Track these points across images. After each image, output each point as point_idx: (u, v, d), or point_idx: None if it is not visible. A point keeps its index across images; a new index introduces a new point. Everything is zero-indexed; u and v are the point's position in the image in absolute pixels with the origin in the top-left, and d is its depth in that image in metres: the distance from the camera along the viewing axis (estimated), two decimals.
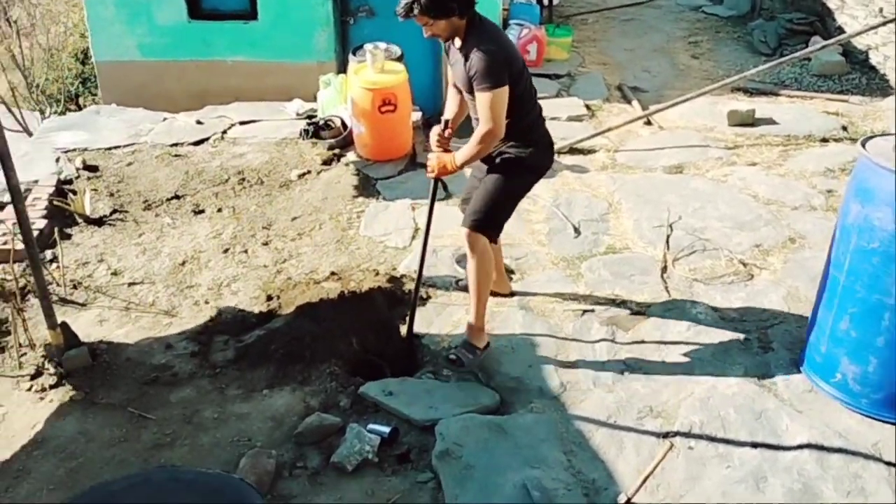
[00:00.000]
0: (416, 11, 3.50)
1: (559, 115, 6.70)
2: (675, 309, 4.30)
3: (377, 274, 4.58)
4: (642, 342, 4.05)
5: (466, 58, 3.59)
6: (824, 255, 3.78)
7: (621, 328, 4.15)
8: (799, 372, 3.83)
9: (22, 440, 3.52)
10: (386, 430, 3.47)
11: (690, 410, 3.60)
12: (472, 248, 3.83)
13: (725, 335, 4.09)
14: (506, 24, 8.37)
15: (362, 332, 4.19)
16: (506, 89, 3.55)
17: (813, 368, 3.77)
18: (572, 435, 3.49)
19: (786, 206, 5.34)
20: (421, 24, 3.58)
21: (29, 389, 3.81)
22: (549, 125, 3.97)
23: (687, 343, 4.04)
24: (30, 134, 9.90)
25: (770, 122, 6.65)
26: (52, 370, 3.86)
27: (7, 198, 4.73)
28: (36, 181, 5.56)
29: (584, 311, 4.28)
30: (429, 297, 4.43)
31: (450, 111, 3.98)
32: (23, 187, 4.25)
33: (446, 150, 3.80)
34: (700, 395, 3.69)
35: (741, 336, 4.08)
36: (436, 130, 3.83)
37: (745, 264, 4.70)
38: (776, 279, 4.57)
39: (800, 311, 4.25)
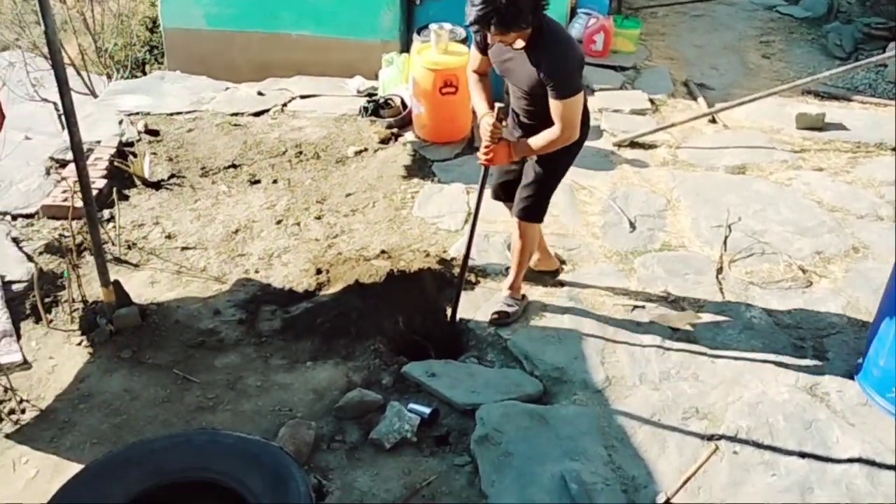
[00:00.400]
0: (492, 29, 3.33)
1: (622, 107, 6.57)
2: (728, 311, 4.20)
3: (427, 255, 4.55)
4: (693, 342, 3.96)
5: (535, 61, 3.46)
6: (888, 266, 3.65)
7: (672, 326, 4.07)
8: (854, 384, 3.71)
9: (69, 393, 3.59)
10: (426, 410, 3.45)
11: (738, 415, 3.51)
12: (524, 233, 3.96)
13: (779, 341, 3.98)
14: (573, 13, 8.24)
15: (409, 311, 4.17)
16: (582, 94, 3.51)
17: (869, 381, 3.64)
18: (614, 430, 3.43)
19: (851, 215, 5.16)
20: (493, 39, 3.47)
21: (79, 344, 3.88)
22: (611, 117, 3.90)
23: (739, 346, 3.94)
24: (95, 97, 10.09)
25: (840, 127, 6.43)
26: (102, 327, 3.92)
27: (70, 156, 4.82)
28: (98, 142, 5.65)
29: (635, 307, 4.20)
30: (477, 282, 4.39)
31: (484, 101, 3.77)
32: (85, 147, 4.33)
33: (498, 140, 3.70)
34: (749, 400, 3.59)
35: (796, 343, 3.97)
36: (488, 122, 3.65)
37: (804, 271, 4.56)
38: (836, 288, 4.42)
39: (859, 322, 4.11)
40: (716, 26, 9.20)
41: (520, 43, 3.47)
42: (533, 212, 3.93)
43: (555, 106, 3.48)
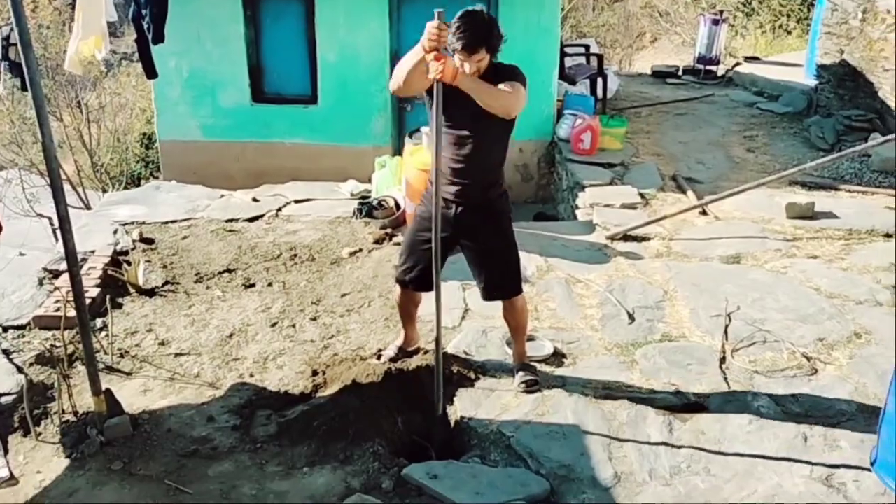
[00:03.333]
0: (478, 51, 3.60)
1: (613, 202, 6.65)
2: (735, 401, 4.10)
3: (425, 353, 4.48)
4: (701, 434, 3.85)
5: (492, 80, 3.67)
6: (892, 351, 3.59)
7: (678, 419, 3.96)
8: (870, 473, 3.58)
9: None
10: None
11: None
12: (518, 307, 4.21)
13: (790, 431, 3.87)
14: (560, 115, 8.44)
15: (408, 411, 4.07)
16: (526, 94, 3.74)
17: (885, 469, 3.52)
18: None
19: (850, 301, 5.14)
20: (471, 61, 3.61)
21: (69, 457, 3.74)
22: (602, 212, 3.97)
23: (749, 437, 3.82)
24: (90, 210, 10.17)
25: (830, 215, 6.50)
26: (93, 438, 3.80)
27: (63, 265, 4.80)
28: (92, 251, 5.65)
29: (640, 400, 4.10)
30: (477, 379, 4.31)
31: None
32: (79, 256, 4.32)
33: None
34: (764, 494, 3.46)
35: (807, 432, 3.86)
36: (432, 25, 3.35)
37: (808, 358, 4.50)
38: (842, 374, 4.34)
39: (868, 408, 4.01)
40: (699, 123, 9.44)
41: (474, 68, 3.65)
42: (517, 285, 4.16)
43: (508, 86, 3.66)
